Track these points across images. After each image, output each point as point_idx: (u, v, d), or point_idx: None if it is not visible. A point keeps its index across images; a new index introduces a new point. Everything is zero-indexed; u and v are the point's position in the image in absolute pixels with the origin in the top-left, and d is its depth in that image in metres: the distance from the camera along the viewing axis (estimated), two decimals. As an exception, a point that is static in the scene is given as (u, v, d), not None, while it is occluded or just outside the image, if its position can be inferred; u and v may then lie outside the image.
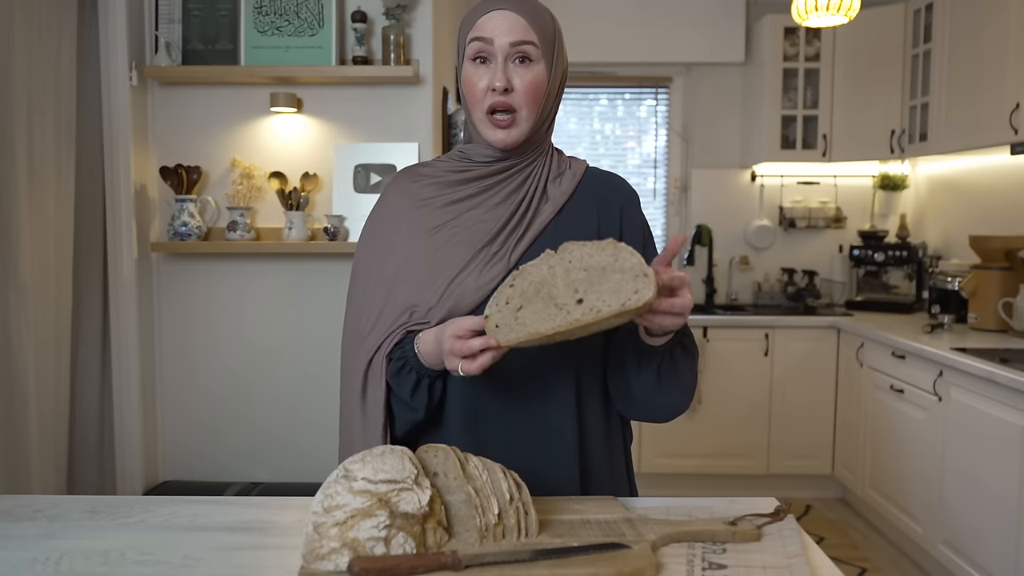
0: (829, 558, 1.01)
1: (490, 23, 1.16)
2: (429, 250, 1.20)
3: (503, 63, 1.16)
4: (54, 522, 1.10)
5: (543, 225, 1.20)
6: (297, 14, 2.45)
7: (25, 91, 2.02)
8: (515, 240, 1.19)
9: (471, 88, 1.19)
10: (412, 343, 1.16)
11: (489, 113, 1.18)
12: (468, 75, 1.19)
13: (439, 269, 1.19)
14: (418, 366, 1.15)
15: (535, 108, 1.18)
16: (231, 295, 2.59)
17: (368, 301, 1.24)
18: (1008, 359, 2.59)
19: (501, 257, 1.18)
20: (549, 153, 1.27)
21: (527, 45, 1.15)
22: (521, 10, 1.16)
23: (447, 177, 1.25)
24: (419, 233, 1.22)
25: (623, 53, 4.24)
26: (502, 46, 1.15)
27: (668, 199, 4.47)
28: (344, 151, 2.51)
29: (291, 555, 0.99)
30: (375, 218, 1.29)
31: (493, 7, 1.16)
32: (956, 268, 3.59)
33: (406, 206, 1.25)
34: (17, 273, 1.99)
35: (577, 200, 1.24)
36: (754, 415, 3.84)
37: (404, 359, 1.16)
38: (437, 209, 1.23)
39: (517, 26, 1.15)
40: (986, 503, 2.58)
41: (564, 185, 1.24)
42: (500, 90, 1.15)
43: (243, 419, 2.60)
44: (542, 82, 1.18)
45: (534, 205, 1.22)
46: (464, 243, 1.19)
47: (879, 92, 3.89)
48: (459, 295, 1.16)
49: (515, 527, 0.96)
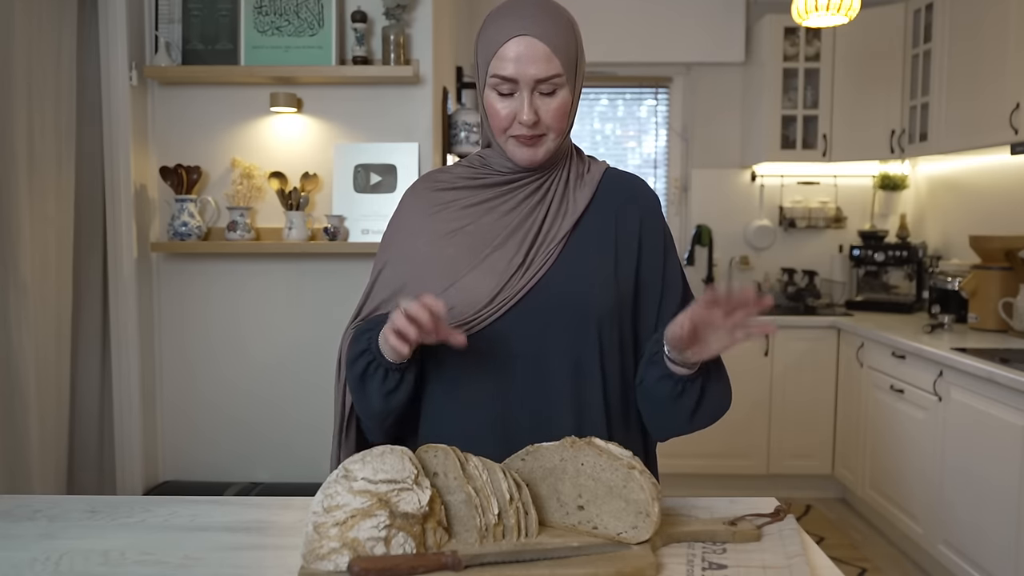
0: (829, 558, 1.01)
1: (511, 54, 1.11)
2: (443, 254, 1.20)
3: (529, 97, 1.12)
4: (54, 522, 1.10)
5: (563, 238, 1.19)
6: (297, 14, 2.45)
7: (25, 91, 2.02)
8: (534, 249, 1.18)
9: (495, 115, 1.16)
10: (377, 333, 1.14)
11: (514, 135, 1.16)
12: (491, 102, 1.16)
13: (448, 272, 1.18)
14: (377, 353, 1.12)
15: (561, 128, 1.17)
16: (231, 295, 2.58)
17: (373, 304, 1.25)
18: (1008, 359, 2.59)
19: (516, 264, 1.17)
20: (569, 155, 1.26)
21: (553, 79, 1.12)
22: (544, 35, 1.11)
23: (465, 183, 1.24)
24: (435, 238, 1.22)
25: (623, 53, 4.23)
26: (527, 83, 1.12)
27: (668, 199, 4.46)
28: (344, 151, 2.51)
29: (291, 555, 0.99)
30: (393, 224, 1.29)
31: (515, 32, 1.11)
32: (956, 268, 3.58)
33: (423, 211, 1.25)
34: (17, 273, 1.98)
35: (595, 210, 1.22)
36: (754, 415, 3.84)
37: (367, 347, 1.14)
38: (454, 214, 1.22)
39: (542, 58, 1.11)
40: (986, 503, 2.58)
41: (582, 194, 1.22)
42: (528, 124, 1.13)
43: (243, 419, 2.60)
44: (567, 106, 1.16)
45: (552, 212, 1.20)
46: (475, 246, 1.19)
47: (879, 92, 3.89)
48: (465, 296, 1.16)
49: (515, 527, 0.96)
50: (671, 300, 1.22)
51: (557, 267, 1.18)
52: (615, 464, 0.97)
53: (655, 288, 1.22)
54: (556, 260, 1.18)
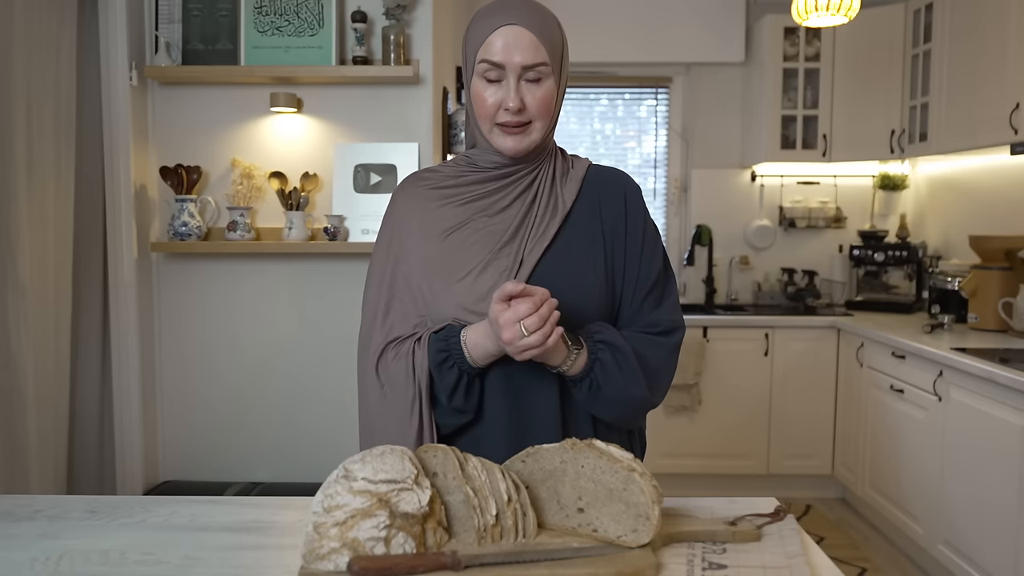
0: (829, 558, 1.01)
1: (499, 41, 1.14)
2: (443, 252, 1.21)
3: (515, 84, 1.15)
4: (54, 522, 1.10)
5: (552, 234, 1.20)
6: (297, 14, 2.45)
7: (25, 91, 2.02)
8: (529, 245, 1.20)
9: (481, 103, 1.18)
10: (457, 337, 1.15)
11: (500, 123, 1.18)
12: (478, 90, 1.18)
13: (452, 271, 1.19)
14: (461, 360, 1.14)
15: (547, 119, 1.19)
16: (231, 295, 2.59)
17: (377, 304, 1.25)
18: (1008, 359, 2.59)
19: (516, 261, 1.19)
20: (553, 153, 1.27)
21: (540, 67, 1.15)
22: (531, 24, 1.14)
23: (454, 181, 1.25)
24: (431, 236, 1.23)
25: (623, 53, 4.23)
26: (514, 68, 1.14)
27: (668, 199, 4.46)
28: (344, 151, 2.51)
29: (291, 555, 0.99)
30: (385, 224, 1.29)
31: (502, 22, 1.14)
32: (956, 268, 3.58)
33: (415, 210, 1.26)
34: (17, 273, 1.98)
35: (580, 206, 1.24)
36: (754, 415, 3.84)
37: (447, 352, 1.15)
38: (448, 212, 1.23)
39: (528, 46, 1.14)
40: (986, 503, 2.58)
41: (569, 189, 1.24)
42: (514, 111, 1.15)
43: (243, 419, 2.60)
44: (552, 94, 1.18)
45: (542, 208, 1.22)
46: (478, 245, 1.20)
47: (879, 92, 3.89)
48: (476, 295, 1.17)
49: (512, 528, 0.96)
50: (649, 294, 1.25)
51: (547, 264, 1.19)
52: (615, 467, 0.97)
53: (632, 279, 1.24)
54: (546, 256, 1.19)
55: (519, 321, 1.04)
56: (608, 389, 1.16)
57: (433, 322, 1.20)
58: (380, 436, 1.19)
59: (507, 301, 1.06)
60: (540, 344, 1.05)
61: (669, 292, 1.27)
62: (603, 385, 1.16)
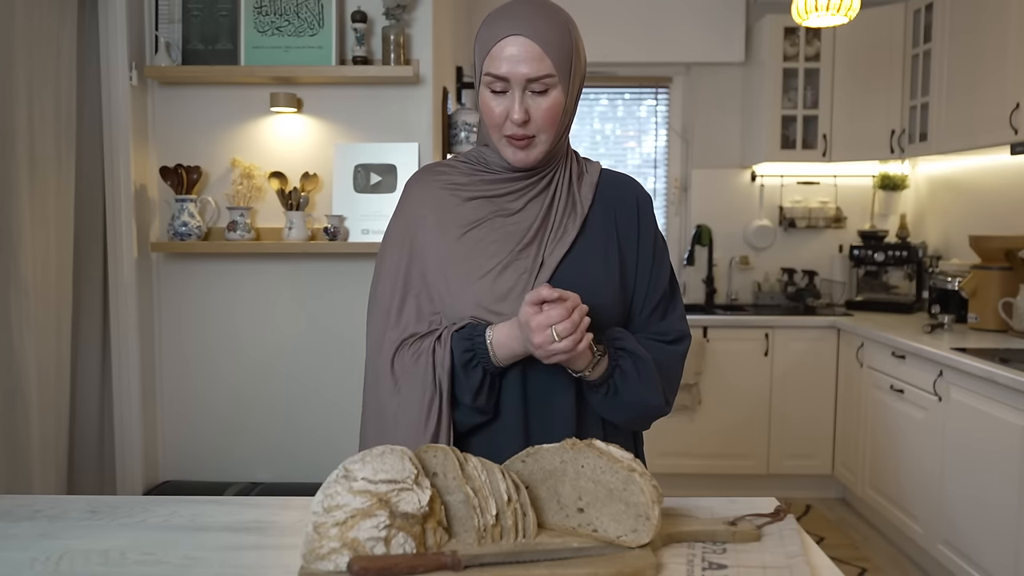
0: (829, 558, 1.01)
1: (504, 53, 1.13)
2: (460, 250, 1.20)
3: (520, 96, 1.14)
4: (54, 522, 1.10)
5: (572, 237, 1.21)
6: (297, 14, 2.45)
7: (25, 91, 2.02)
8: (549, 247, 1.20)
9: (489, 113, 1.18)
10: (482, 336, 1.15)
11: (506, 135, 1.18)
12: (486, 100, 1.18)
13: (471, 269, 1.19)
14: (485, 360, 1.14)
15: (553, 130, 1.18)
16: (231, 295, 2.58)
17: (391, 300, 1.23)
18: (1008, 359, 2.59)
19: (536, 262, 1.19)
20: (568, 155, 1.28)
21: (544, 79, 1.14)
22: (536, 35, 1.13)
23: (468, 179, 1.25)
24: (448, 231, 1.22)
25: (623, 53, 4.23)
26: (518, 81, 1.14)
27: (668, 199, 4.46)
28: (344, 151, 2.51)
29: (291, 555, 0.99)
30: (398, 215, 1.28)
31: (507, 32, 1.13)
32: (956, 268, 3.58)
33: (431, 201, 1.25)
34: (18, 273, 1.98)
35: (596, 210, 1.25)
36: (754, 415, 3.84)
37: (473, 351, 1.15)
38: (464, 209, 1.23)
39: (533, 58, 1.12)
40: (986, 503, 2.58)
41: (584, 194, 1.24)
42: (518, 123, 1.15)
43: (244, 419, 2.60)
44: (559, 106, 1.17)
45: (561, 210, 1.22)
46: (497, 244, 1.20)
47: (879, 92, 3.89)
48: (496, 295, 1.17)
49: (512, 528, 0.96)
50: (658, 305, 1.26)
51: (567, 266, 1.20)
52: (615, 467, 0.97)
53: (642, 289, 1.25)
54: (565, 259, 1.20)
55: (551, 326, 1.05)
56: (626, 395, 1.18)
57: (448, 320, 1.19)
58: (392, 434, 1.17)
59: (538, 304, 1.06)
60: (570, 350, 1.06)
61: (676, 302, 1.29)
62: (621, 391, 1.17)
